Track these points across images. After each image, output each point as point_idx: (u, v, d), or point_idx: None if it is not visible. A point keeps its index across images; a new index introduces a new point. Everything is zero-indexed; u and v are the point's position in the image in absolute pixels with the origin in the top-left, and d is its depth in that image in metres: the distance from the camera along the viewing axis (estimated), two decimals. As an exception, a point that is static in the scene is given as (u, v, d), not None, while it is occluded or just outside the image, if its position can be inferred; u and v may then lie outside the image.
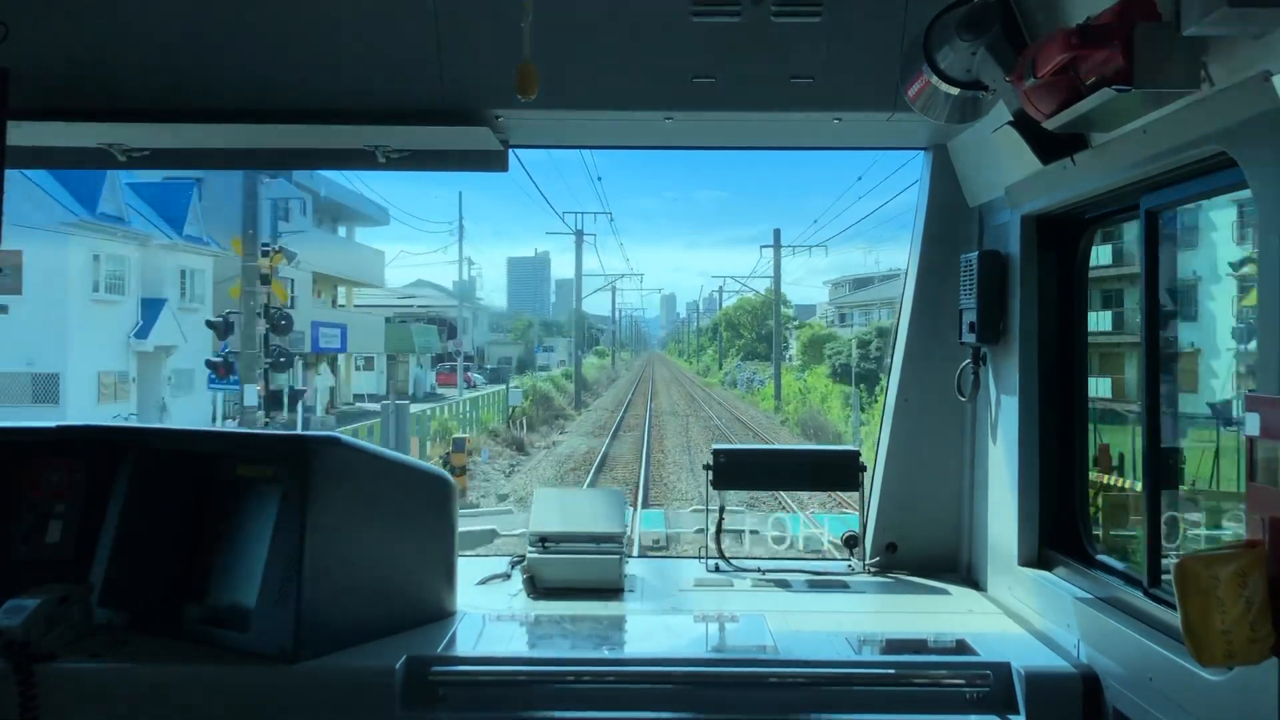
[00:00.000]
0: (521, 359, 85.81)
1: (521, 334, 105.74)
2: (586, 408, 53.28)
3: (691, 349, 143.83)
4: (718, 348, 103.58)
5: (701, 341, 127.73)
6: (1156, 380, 2.85)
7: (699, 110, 3.59)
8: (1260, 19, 1.84)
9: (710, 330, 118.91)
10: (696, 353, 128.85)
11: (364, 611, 3.17)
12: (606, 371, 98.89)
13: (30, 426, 3.69)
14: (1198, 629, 2.04)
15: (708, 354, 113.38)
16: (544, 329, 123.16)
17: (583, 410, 51.62)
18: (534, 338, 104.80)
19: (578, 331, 67.99)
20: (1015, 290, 3.59)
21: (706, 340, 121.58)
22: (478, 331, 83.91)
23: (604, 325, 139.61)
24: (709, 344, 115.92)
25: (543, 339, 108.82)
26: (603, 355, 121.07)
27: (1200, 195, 2.65)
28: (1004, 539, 3.64)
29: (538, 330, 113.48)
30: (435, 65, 3.47)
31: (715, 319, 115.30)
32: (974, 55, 2.71)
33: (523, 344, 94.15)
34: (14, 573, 3.23)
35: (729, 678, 3.01)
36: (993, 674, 2.95)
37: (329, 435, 3.22)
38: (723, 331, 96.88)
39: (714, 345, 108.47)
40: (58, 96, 3.47)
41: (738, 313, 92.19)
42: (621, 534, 3.89)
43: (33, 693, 2.84)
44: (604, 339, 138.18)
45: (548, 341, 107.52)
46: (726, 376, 79.16)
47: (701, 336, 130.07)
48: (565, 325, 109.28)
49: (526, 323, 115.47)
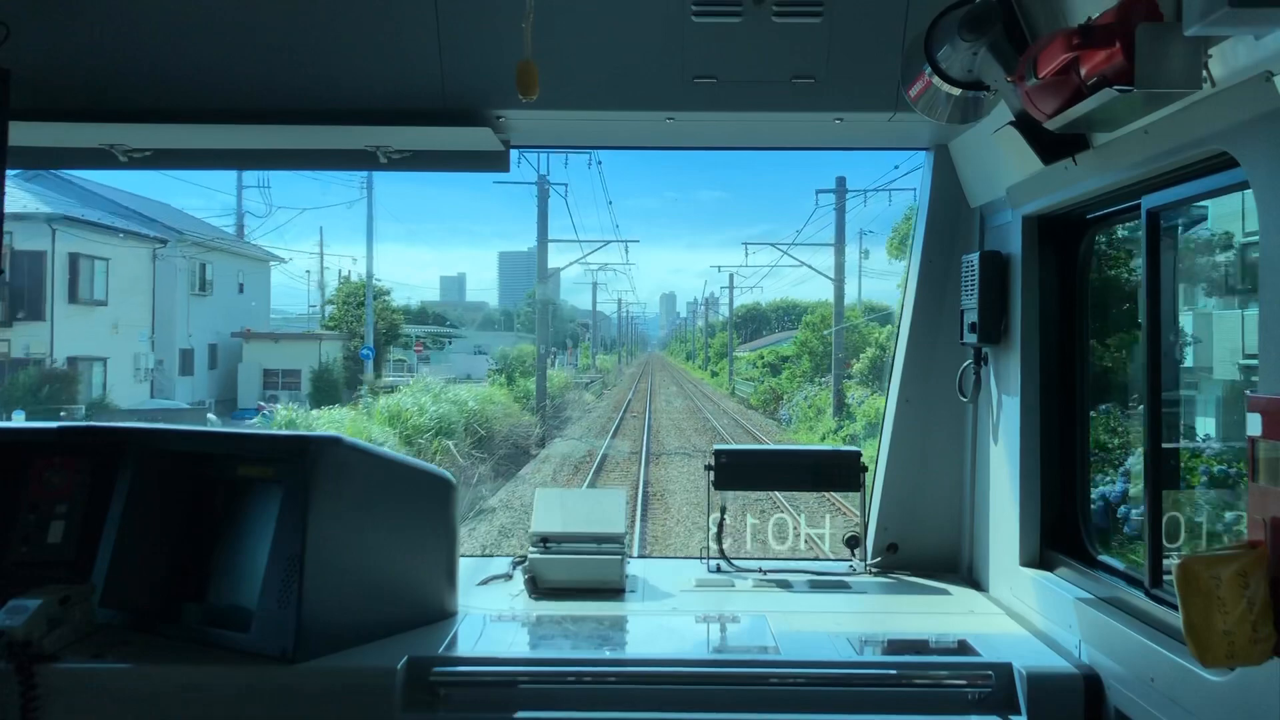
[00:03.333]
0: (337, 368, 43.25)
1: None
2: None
3: (701, 349, 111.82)
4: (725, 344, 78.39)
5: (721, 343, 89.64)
6: (1157, 380, 2.85)
7: (700, 110, 3.59)
8: (1261, 19, 1.84)
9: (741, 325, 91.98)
10: (710, 359, 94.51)
11: (365, 612, 3.17)
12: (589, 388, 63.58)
13: (31, 426, 3.70)
14: (1199, 629, 2.03)
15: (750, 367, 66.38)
16: (488, 322, 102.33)
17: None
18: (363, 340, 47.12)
19: (542, 324, 40.68)
20: (1016, 290, 3.59)
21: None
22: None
23: (594, 319, 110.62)
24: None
25: (454, 331, 75.95)
26: (587, 358, 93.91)
27: (1201, 195, 2.65)
28: (1005, 539, 3.64)
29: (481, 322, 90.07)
30: (436, 65, 3.47)
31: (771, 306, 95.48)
32: (975, 55, 2.71)
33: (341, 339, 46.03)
34: (15, 573, 3.23)
35: (730, 678, 3.01)
36: (994, 674, 2.95)
37: (330, 435, 3.22)
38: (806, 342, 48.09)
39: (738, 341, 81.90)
40: (58, 96, 3.48)
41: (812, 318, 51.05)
42: (622, 534, 3.89)
43: (34, 693, 2.84)
44: (599, 338, 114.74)
45: (479, 340, 76.73)
46: (788, 408, 41.69)
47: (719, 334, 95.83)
48: (523, 315, 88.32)
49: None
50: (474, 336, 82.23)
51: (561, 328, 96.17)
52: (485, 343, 74.42)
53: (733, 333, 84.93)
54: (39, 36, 3.40)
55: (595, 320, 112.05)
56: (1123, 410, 5.20)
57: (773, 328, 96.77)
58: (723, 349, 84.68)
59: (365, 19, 3.44)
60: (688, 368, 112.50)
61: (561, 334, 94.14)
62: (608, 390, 67.71)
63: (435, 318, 79.80)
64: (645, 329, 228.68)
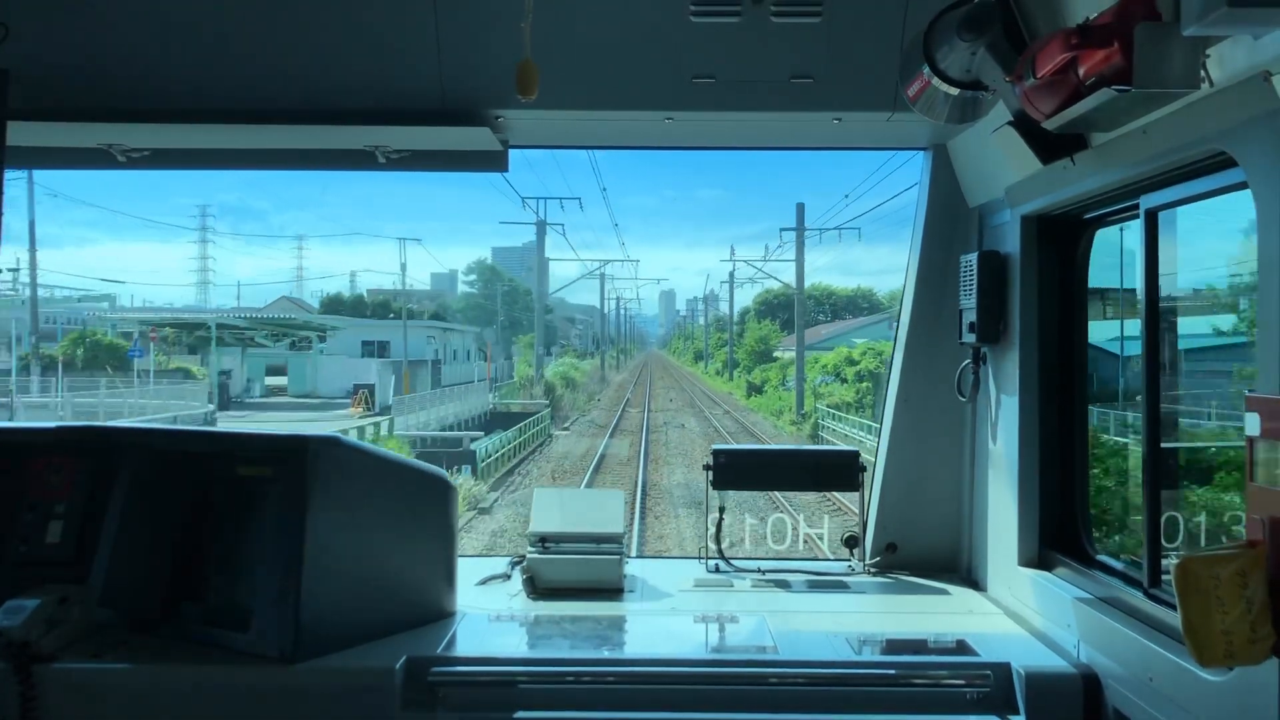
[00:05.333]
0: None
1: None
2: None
3: (703, 344, 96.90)
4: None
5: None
6: (1157, 380, 2.85)
7: (699, 110, 3.59)
8: (1260, 19, 1.84)
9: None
10: (738, 361, 70.17)
11: (363, 612, 3.17)
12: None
13: (30, 426, 3.70)
14: (1198, 629, 2.03)
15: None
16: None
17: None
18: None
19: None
20: (1015, 290, 3.59)
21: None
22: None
23: (586, 316, 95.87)
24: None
25: (316, 321, 57.02)
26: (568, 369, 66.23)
27: (1200, 195, 2.64)
28: (1004, 539, 3.64)
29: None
30: (435, 65, 3.47)
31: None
32: (974, 55, 2.71)
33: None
34: (14, 573, 3.23)
35: (729, 678, 3.01)
36: (993, 674, 2.95)
37: (329, 435, 3.22)
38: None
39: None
40: (58, 96, 3.47)
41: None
42: (621, 534, 3.89)
43: (32, 693, 2.84)
44: (587, 337, 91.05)
45: (371, 334, 57.84)
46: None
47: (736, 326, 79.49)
48: (467, 302, 70.63)
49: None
50: (366, 330, 59.40)
51: (521, 317, 75.46)
52: (383, 338, 56.03)
53: (733, 335, 73.51)
54: (38, 36, 3.40)
55: (604, 322, 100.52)
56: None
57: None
58: (760, 345, 60.57)
59: (364, 19, 3.44)
60: (698, 372, 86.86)
61: (524, 328, 74.13)
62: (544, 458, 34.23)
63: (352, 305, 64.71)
64: (644, 327, 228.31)
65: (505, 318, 65.41)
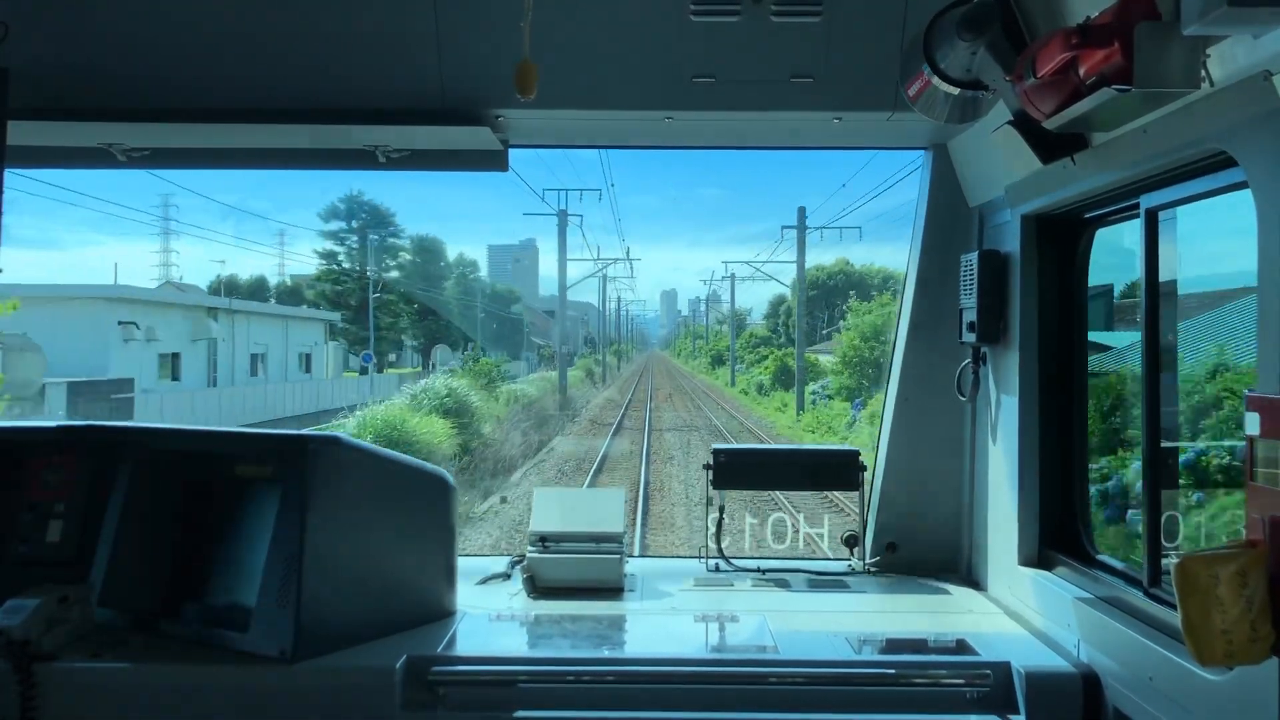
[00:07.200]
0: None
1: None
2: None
3: (707, 348, 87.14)
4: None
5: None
6: (1156, 380, 2.85)
7: (699, 110, 3.59)
8: (1260, 19, 1.84)
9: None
10: (782, 367, 50.39)
11: (364, 611, 3.17)
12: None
13: (30, 426, 3.70)
14: (1198, 629, 2.03)
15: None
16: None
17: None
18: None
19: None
20: (1015, 290, 3.59)
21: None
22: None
23: (577, 313, 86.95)
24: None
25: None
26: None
27: (1200, 195, 2.64)
28: (1004, 538, 3.64)
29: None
30: (435, 65, 3.47)
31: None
32: (974, 55, 2.71)
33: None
34: (14, 572, 3.23)
35: (729, 677, 3.01)
36: (993, 674, 2.95)
37: (329, 435, 3.22)
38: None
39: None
40: (58, 96, 3.48)
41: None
42: (621, 534, 3.89)
43: (32, 693, 2.84)
44: (578, 337, 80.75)
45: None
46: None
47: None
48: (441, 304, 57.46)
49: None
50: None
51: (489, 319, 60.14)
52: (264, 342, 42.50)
53: (734, 334, 70.90)
54: (38, 35, 3.40)
55: (604, 322, 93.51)
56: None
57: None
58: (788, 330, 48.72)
59: (364, 19, 3.44)
60: (711, 379, 73.28)
61: (499, 333, 61.90)
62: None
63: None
64: (646, 327, 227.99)
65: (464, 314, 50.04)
